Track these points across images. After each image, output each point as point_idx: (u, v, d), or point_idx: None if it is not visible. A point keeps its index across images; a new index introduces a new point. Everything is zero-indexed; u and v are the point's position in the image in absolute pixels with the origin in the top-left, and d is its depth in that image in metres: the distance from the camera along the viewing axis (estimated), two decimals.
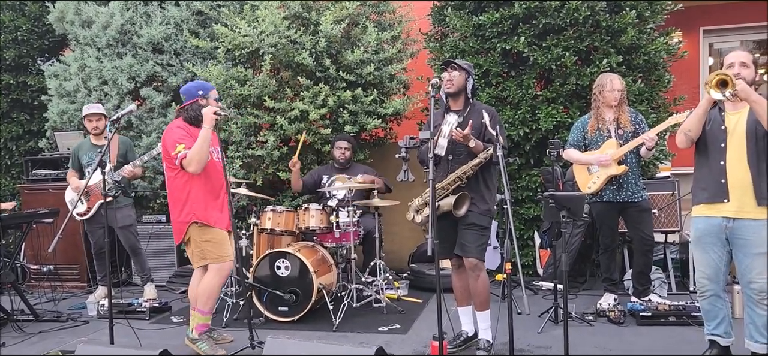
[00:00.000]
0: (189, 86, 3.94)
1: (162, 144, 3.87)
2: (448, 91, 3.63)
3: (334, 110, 5.71)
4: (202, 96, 3.84)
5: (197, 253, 3.86)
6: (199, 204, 3.79)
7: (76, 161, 5.30)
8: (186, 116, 3.85)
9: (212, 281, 3.84)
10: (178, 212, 3.85)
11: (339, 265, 4.89)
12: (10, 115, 7.31)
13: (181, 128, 3.81)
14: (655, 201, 5.01)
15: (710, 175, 3.17)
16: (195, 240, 3.84)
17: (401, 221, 6.00)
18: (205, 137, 3.70)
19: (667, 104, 5.52)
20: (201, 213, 3.79)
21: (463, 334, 3.83)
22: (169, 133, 3.82)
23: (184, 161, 3.70)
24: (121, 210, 5.20)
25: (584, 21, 5.22)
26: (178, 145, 3.73)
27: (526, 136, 5.43)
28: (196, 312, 3.89)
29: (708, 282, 3.24)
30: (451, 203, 3.49)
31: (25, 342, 4.33)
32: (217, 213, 3.85)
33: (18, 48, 7.17)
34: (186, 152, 3.70)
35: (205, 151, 3.71)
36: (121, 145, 5.24)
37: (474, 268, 3.60)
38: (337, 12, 5.70)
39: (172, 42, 6.20)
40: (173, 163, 3.78)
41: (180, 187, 3.81)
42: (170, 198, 3.90)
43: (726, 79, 2.90)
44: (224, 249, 3.86)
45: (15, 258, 5.12)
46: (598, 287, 4.99)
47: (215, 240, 3.83)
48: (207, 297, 3.85)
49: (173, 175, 3.84)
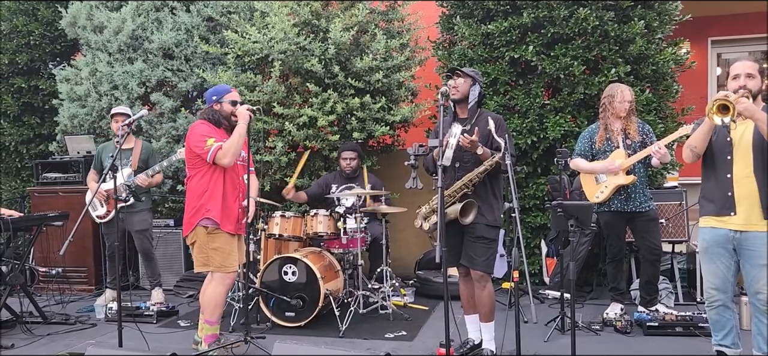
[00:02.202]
0: (208, 92, 4.00)
1: (186, 143, 3.85)
2: (453, 97, 3.63)
3: (343, 117, 5.74)
4: (216, 101, 3.88)
5: (201, 258, 3.84)
6: (216, 202, 3.76)
7: (98, 163, 5.36)
8: (206, 117, 3.87)
9: (216, 290, 3.82)
10: (190, 211, 3.82)
11: (346, 271, 4.91)
12: (22, 118, 7.37)
13: (206, 124, 3.83)
14: (663, 212, 5.00)
15: (717, 187, 3.18)
16: (201, 245, 3.81)
17: (408, 228, 6.03)
18: (241, 133, 3.74)
19: (675, 114, 5.52)
20: (216, 212, 3.76)
21: (469, 342, 3.83)
22: (194, 130, 3.80)
23: (219, 153, 3.69)
24: (138, 214, 5.25)
25: (593, 30, 5.23)
26: (208, 139, 3.72)
27: (533, 145, 5.44)
28: (204, 323, 3.88)
29: (716, 293, 3.24)
30: (458, 211, 3.49)
31: (34, 344, 4.37)
32: (231, 216, 3.84)
33: (30, 52, 7.24)
34: (220, 144, 3.70)
35: (239, 146, 3.74)
36: (144, 150, 5.30)
37: (480, 280, 3.61)
38: (346, 19, 5.74)
39: (183, 48, 6.25)
40: (199, 161, 3.77)
41: (201, 187, 3.79)
42: (189, 196, 3.85)
43: (727, 104, 2.89)
44: (230, 259, 3.83)
45: (24, 260, 5.16)
46: (604, 296, 4.99)
47: (223, 250, 3.80)
48: (213, 306, 3.83)
49: (197, 174, 3.81)
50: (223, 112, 3.89)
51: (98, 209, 5.23)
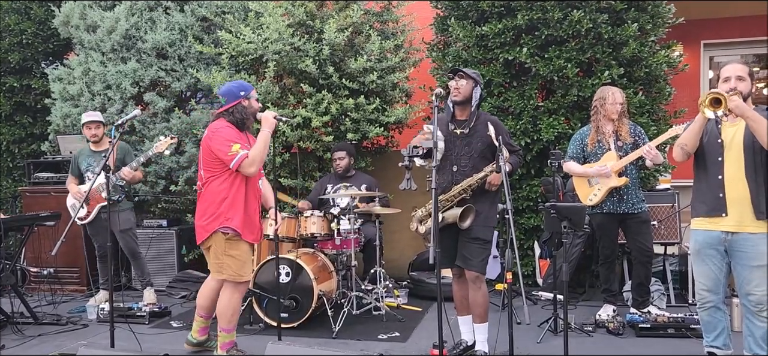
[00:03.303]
0: (230, 87, 3.72)
1: (205, 145, 3.65)
2: (454, 99, 3.60)
3: (337, 118, 5.74)
4: (244, 96, 3.68)
5: (216, 264, 3.71)
6: (238, 211, 3.61)
7: (75, 168, 5.32)
8: (231, 119, 3.67)
9: (232, 298, 3.72)
10: (208, 216, 3.64)
11: (339, 272, 4.90)
12: (14, 117, 7.33)
13: (231, 128, 3.63)
14: (655, 213, 5.02)
15: (708, 188, 3.19)
16: (216, 252, 3.67)
17: (402, 229, 6.04)
18: (266, 139, 3.61)
19: (668, 117, 5.54)
20: (238, 221, 3.61)
21: (462, 343, 3.83)
22: (217, 133, 3.59)
23: (246, 161, 3.52)
24: (121, 213, 5.22)
25: (586, 33, 5.25)
26: (234, 144, 3.53)
27: (527, 147, 5.45)
28: (221, 332, 3.76)
29: (708, 294, 3.25)
30: (457, 215, 3.49)
31: (25, 345, 4.34)
32: (251, 224, 3.72)
33: (23, 51, 7.21)
34: (247, 152, 3.54)
35: (265, 153, 3.63)
36: (120, 149, 5.25)
37: (475, 281, 3.60)
38: (341, 20, 5.74)
39: (177, 47, 6.23)
40: (219, 164, 3.59)
41: (222, 193, 3.61)
42: (206, 200, 3.66)
43: (719, 97, 2.92)
44: (245, 268, 3.72)
45: (16, 260, 5.13)
46: (597, 298, 5.00)
47: (239, 258, 3.66)
48: (231, 314, 3.72)
49: (217, 178, 3.63)
50: (251, 108, 3.71)
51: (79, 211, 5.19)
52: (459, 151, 3.60)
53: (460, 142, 3.61)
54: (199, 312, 3.94)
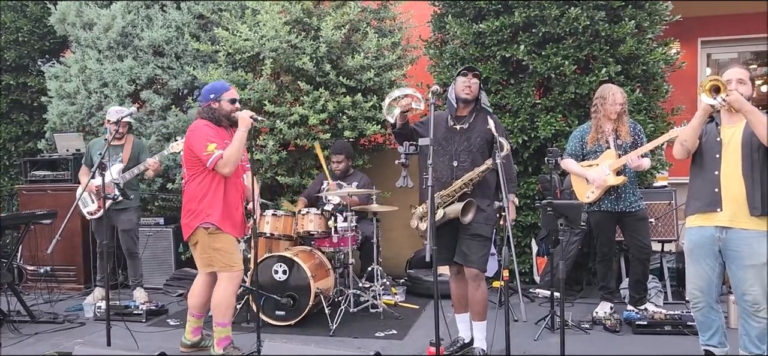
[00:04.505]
0: (206, 88, 3.86)
1: (186, 143, 3.75)
2: (466, 97, 3.60)
3: (334, 115, 5.73)
4: (215, 99, 3.77)
5: (204, 259, 3.78)
6: (217, 207, 3.69)
7: (89, 159, 5.32)
8: (208, 118, 3.77)
9: (226, 291, 3.75)
10: (190, 213, 3.74)
11: (336, 270, 4.90)
12: (10, 115, 7.31)
13: (209, 127, 3.72)
14: (652, 211, 5.03)
15: (704, 184, 3.19)
16: (203, 246, 3.75)
17: (399, 227, 6.04)
18: (241, 139, 3.65)
19: (665, 114, 5.55)
20: (217, 216, 3.68)
21: (459, 340, 3.83)
22: (196, 131, 3.70)
23: (220, 162, 3.61)
24: (125, 212, 5.22)
25: (584, 30, 5.25)
26: (209, 144, 3.62)
27: (524, 144, 5.45)
28: (217, 326, 3.77)
29: (700, 294, 3.26)
30: (458, 210, 3.48)
31: (21, 343, 4.33)
32: (232, 219, 3.77)
33: (19, 49, 7.18)
34: (221, 153, 3.61)
35: (240, 153, 3.68)
36: (135, 146, 5.26)
37: (475, 278, 3.59)
38: (338, 17, 5.73)
39: (173, 45, 6.21)
40: (199, 163, 3.68)
41: (201, 190, 3.70)
42: (187, 198, 3.77)
43: (719, 84, 2.94)
44: (234, 258, 3.78)
45: (12, 258, 5.11)
46: (594, 295, 5.00)
47: (225, 249, 3.74)
48: (225, 307, 3.75)
49: (197, 177, 3.72)
50: (222, 110, 3.79)
51: (89, 205, 5.19)
52: (458, 146, 3.60)
53: (460, 137, 3.62)
54: (191, 312, 3.94)
